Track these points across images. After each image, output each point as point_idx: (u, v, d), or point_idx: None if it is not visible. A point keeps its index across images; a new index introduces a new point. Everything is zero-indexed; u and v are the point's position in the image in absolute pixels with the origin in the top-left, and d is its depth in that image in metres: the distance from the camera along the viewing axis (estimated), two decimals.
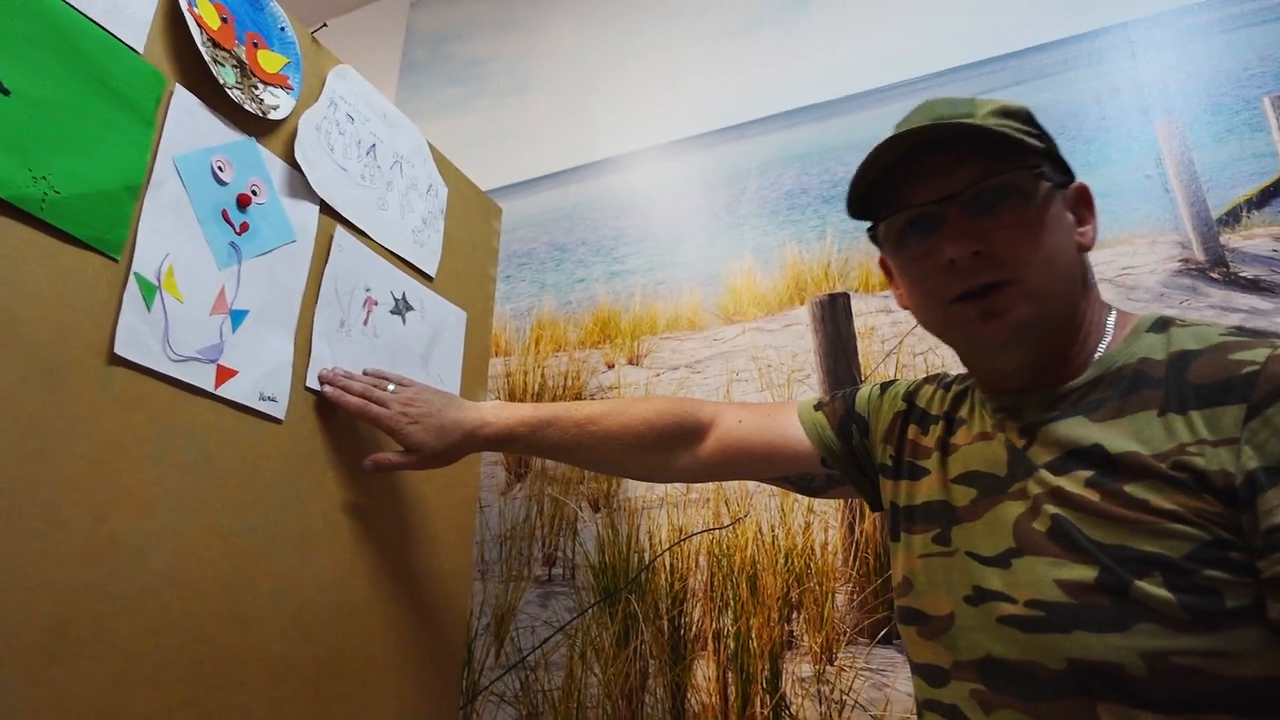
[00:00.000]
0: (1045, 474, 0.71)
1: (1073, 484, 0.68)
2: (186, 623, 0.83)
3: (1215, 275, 1.36)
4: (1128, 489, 0.65)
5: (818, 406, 1.02)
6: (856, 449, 0.97)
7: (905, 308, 0.84)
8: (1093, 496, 0.66)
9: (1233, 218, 1.38)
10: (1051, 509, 0.69)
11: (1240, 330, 0.68)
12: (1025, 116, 0.77)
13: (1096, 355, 0.75)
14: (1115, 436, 0.68)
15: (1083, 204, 0.80)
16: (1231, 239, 1.37)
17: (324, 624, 1.00)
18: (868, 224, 0.84)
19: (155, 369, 0.83)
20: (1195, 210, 1.41)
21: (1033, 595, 0.68)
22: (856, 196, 0.81)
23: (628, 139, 2.08)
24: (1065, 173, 0.79)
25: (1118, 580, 0.63)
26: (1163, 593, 0.60)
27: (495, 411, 1.08)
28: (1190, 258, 1.39)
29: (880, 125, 1.69)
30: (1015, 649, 0.69)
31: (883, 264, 0.89)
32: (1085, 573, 0.65)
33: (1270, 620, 0.58)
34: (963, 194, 0.73)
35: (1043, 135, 0.77)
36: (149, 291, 0.83)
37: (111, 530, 0.77)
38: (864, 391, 1.00)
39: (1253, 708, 0.59)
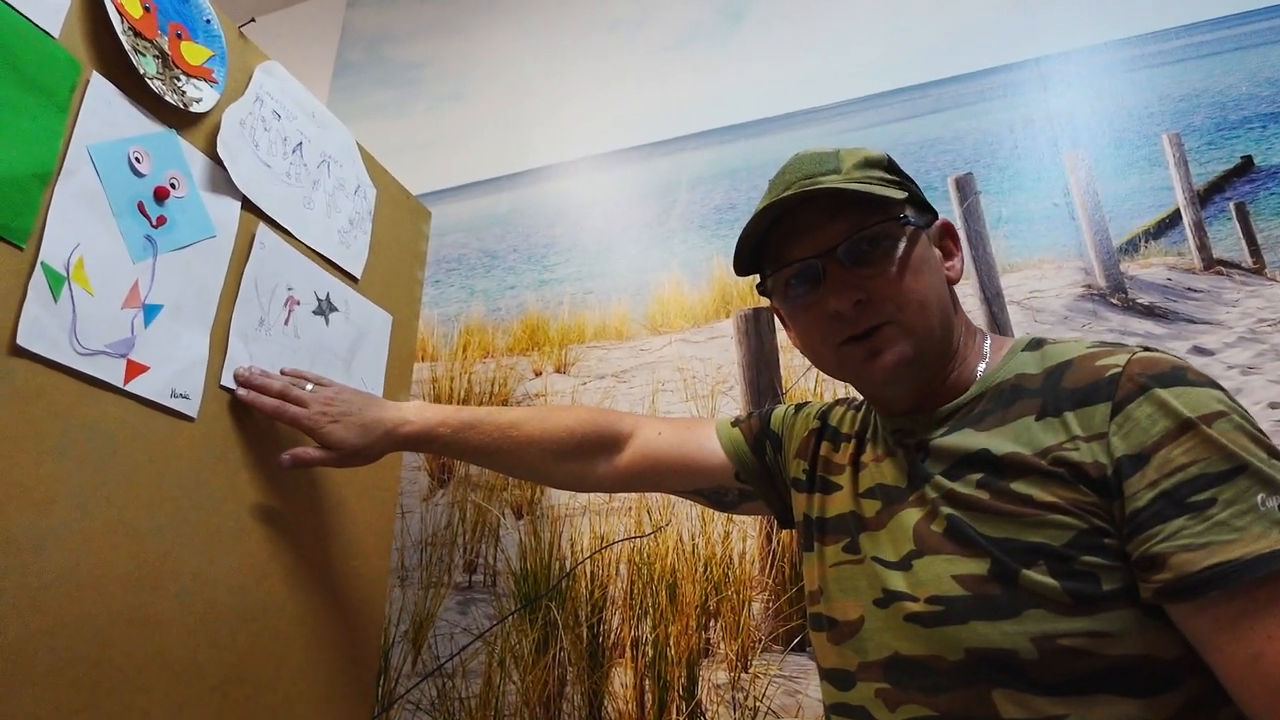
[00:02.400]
0: (940, 479, 0.75)
1: (965, 486, 0.73)
2: (84, 623, 0.80)
3: (1115, 301, 1.44)
4: (1013, 486, 0.69)
5: (735, 423, 1.06)
6: (770, 464, 1.01)
7: (800, 349, 0.88)
8: (983, 496, 0.71)
9: (1132, 247, 1.46)
10: (947, 510, 0.73)
11: (1103, 343, 0.75)
12: (887, 165, 0.83)
13: (978, 375, 0.81)
14: (1000, 441, 0.73)
15: (948, 238, 0.87)
16: (1130, 267, 1.45)
17: (232, 627, 0.98)
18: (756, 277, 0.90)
19: (60, 362, 0.81)
20: (1098, 239, 1.48)
21: (933, 591, 0.72)
22: (744, 257, 0.87)
23: (562, 148, 2.09)
24: (927, 211, 0.85)
25: (1007, 570, 0.67)
26: (1047, 579, 0.65)
27: (417, 411, 1.08)
28: (1093, 283, 1.46)
29: (809, 145, 1.76)
30: (919, 645, 0.72)
31: (775, 310, 0.93)
32: (978, 566, 0.69)
33: (1143, 601, 0.63)
34: (838, 248, 0.79)
35: (903, 181, 0.83)
36: (56, 282, 0.81)
37: (6, 526, 0.74)
38: (778, 411, 1.04)
39: (1133, 685, 0.63)
